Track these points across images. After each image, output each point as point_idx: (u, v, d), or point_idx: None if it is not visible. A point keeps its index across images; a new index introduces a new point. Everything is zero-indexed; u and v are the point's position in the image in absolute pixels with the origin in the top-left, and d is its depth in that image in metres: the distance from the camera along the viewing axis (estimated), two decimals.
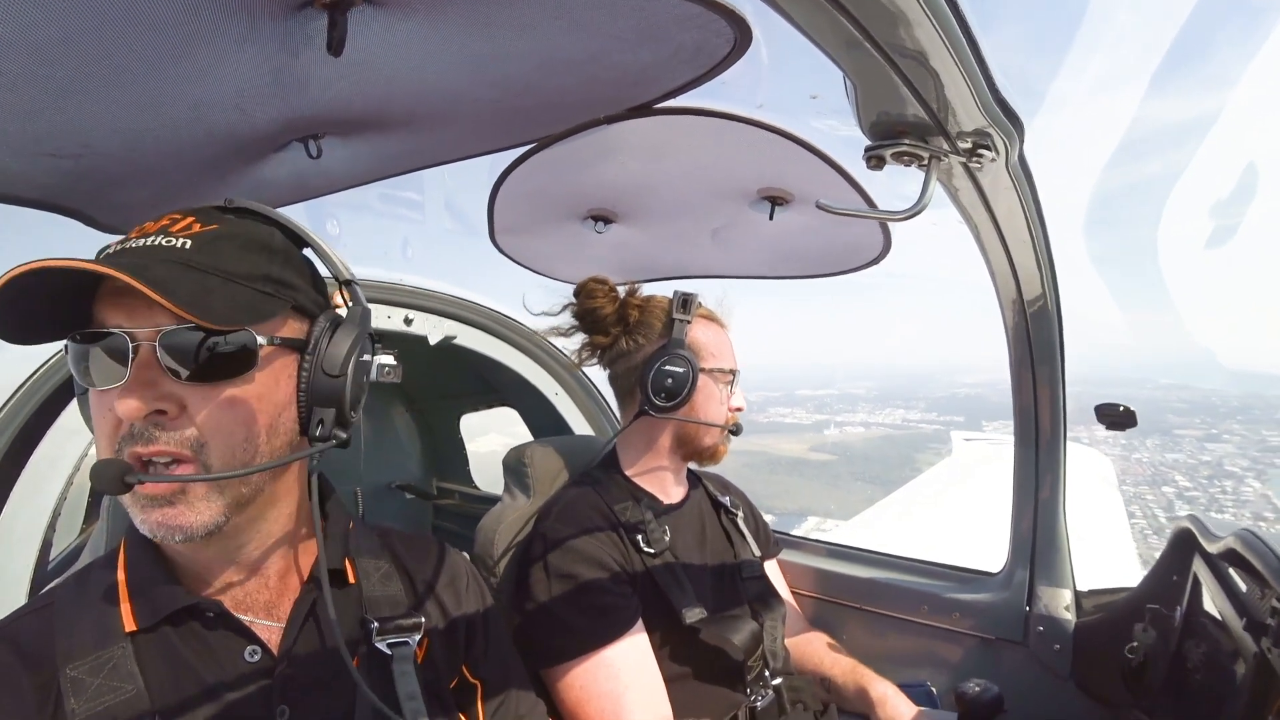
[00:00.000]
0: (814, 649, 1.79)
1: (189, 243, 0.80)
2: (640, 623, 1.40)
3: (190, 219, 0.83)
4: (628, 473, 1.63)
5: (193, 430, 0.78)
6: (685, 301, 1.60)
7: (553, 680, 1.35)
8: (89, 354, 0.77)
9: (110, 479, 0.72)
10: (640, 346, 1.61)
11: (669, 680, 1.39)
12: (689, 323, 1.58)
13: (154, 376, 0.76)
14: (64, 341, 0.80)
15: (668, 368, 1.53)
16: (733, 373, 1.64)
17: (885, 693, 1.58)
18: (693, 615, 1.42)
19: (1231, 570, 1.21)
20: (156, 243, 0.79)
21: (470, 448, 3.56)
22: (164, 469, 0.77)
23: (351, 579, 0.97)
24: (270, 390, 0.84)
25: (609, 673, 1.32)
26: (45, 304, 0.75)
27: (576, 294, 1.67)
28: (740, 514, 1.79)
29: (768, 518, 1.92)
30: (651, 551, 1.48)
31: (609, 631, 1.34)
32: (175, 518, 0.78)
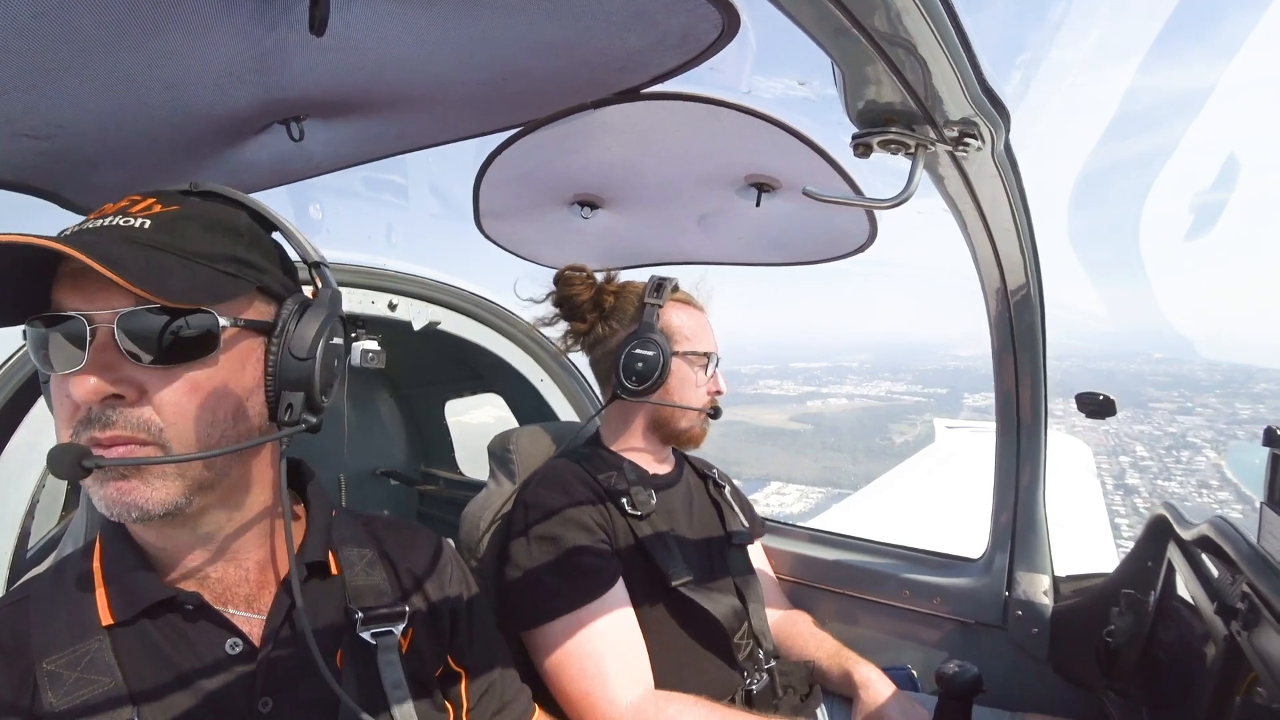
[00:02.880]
0: (798, 630, 1.81)
1: (148, 222, 0.78)
2: (621, 584, 1.41)
3: (151, 200, 0.81)
4: (612, 448, 1.65)
5: (151, 414, 0.76)
6: (659, 286, 1.61)
7: (533, 642, 1.36)
8: (48, 339, 0.76)
9: (67, 464, 0.71)
10: (615, 331, 1.63)
11: (663, 650, 1.41)
12: (660, 306, 1.60)
13: (113, 360, 0.75)
14: (22, 327, 0.78)
15: (638, 351, 1.54)
16: (709, 355, 1.64)
17: (869, 676, 1.60)
18: (678, 578, 1.44)
19: (1204, 556, 1.24)
20: (114, 223, 0.77)
21: (465, 419, 3.54)
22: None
23: (334, 569, 0.97)
24: (235, 374, 0.82)
25: (589, 633, 1.32)
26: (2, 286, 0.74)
27: (556, 281, 1.70)
28: (728, 487, 1.82)
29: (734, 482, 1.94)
30: (637, 514, 1.49)
31: (589, 591, 1.35)
32: (130, 492, 0.75)
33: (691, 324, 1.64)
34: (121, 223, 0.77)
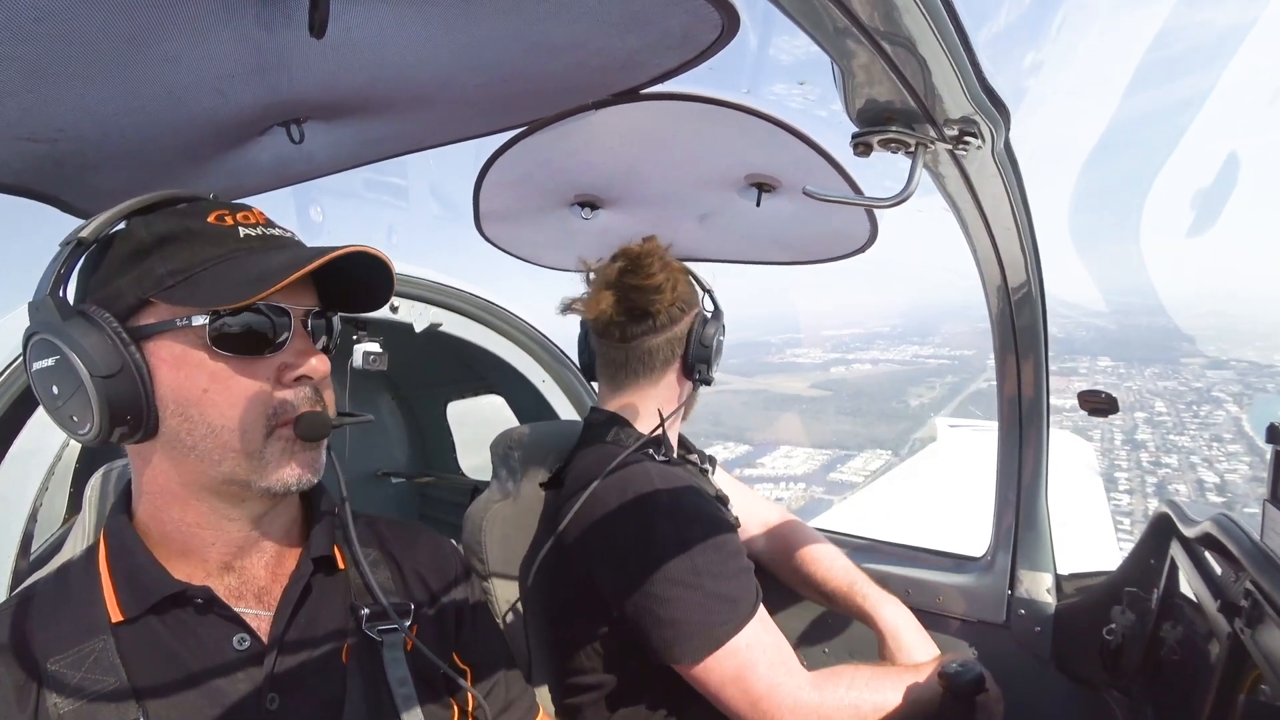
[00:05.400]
0: (810, 555, 1.77)
1: (298, 237, 0.92)
2: None
3: (256, 214, 0.90)
4: (671, 441, 1.58)
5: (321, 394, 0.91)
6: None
7: (707, 669, 1.26)
8: (257, 327, 0.83)
9: (323, 424, 0.87)
10: (682, 314, 1.54)
11: None
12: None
13: (307, 346, 0.88)
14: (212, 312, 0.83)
15: (720, 339, 1.56)
16: None
17: (899, 623, 1.59)
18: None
19: (1207, 554, 1.23)
20: (296, 237, 0.91)
21: (484, 399, 3.53)
22: None
23: (340, 565, 0.97)
24: None
25: (759, 645, 1.27)
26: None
27: (633, 261, 1.50)
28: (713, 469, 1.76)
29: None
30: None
31: (755, 603, 1.31)
32: (319, 458, 0.91)
33: None
34: (297, 237, 0.91)
